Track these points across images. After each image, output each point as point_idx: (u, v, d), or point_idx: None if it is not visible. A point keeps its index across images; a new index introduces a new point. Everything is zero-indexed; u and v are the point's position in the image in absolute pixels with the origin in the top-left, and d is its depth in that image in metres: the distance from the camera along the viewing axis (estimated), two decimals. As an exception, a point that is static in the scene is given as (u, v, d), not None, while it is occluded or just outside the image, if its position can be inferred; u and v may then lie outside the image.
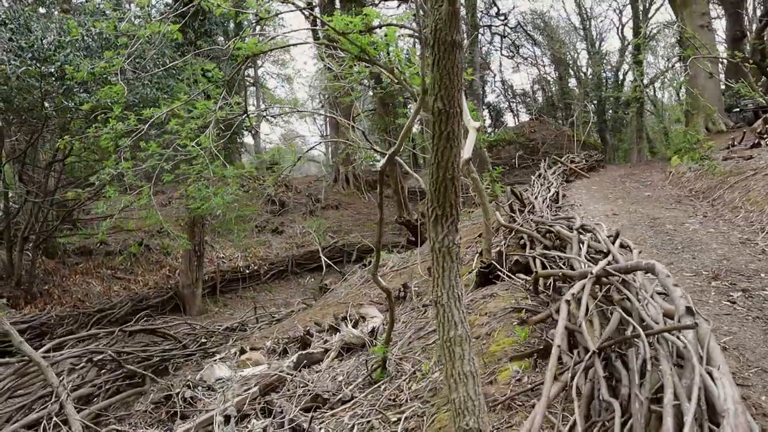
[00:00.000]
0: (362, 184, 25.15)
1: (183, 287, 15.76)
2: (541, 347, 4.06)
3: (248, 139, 31.66)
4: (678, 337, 2.50)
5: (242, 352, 7.96)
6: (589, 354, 2.86)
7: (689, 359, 2.27)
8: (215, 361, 7.54)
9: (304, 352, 6.62)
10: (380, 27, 7.42)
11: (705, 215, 8.78)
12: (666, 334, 2.57)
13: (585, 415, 2.61)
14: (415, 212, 17.67)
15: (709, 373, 2.16)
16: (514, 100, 35.61)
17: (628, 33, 29.86)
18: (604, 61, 31.11)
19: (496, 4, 27.13)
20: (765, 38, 20.78)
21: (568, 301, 3.33)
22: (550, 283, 5.27)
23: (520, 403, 3.46)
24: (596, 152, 19.86)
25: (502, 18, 26.37)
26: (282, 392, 5.46)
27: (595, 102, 29.94)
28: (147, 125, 7.89)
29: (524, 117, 34.15)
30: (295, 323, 9.42)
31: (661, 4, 32.97)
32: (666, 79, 28.54)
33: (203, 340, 8.61)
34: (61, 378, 5.66)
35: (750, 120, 15.51)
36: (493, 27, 27.83)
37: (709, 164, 10.33)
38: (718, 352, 2.31)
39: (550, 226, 6.59)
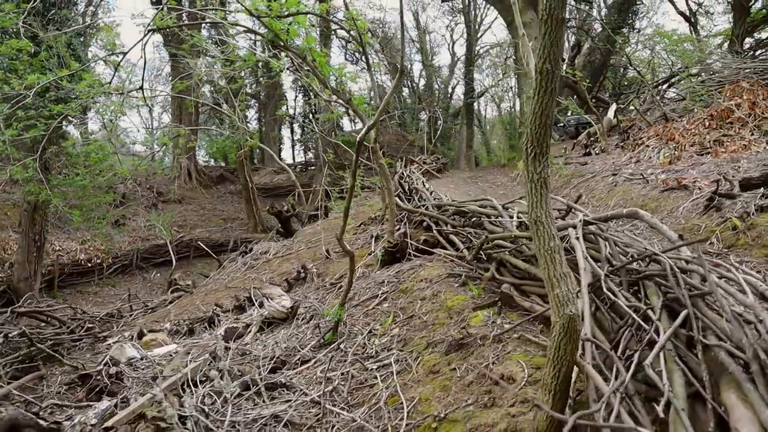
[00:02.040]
0: (205, 179, 24.50)
1: (19, 280, 14.27)
2: (501, 297, 4.72)
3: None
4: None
5: (141, 335, 7.69)
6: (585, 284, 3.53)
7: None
8: (120, 342, 7.23)
9: (229, 325, 6.66)
10: (292, 15, 7.65)
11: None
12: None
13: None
14: (269, 206, 17.73)
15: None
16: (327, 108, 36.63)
17: (458, 50, 32.55)
18: (436, 74, 33.53)
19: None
20: (575, 64, 24.12)
21: (567, 249, 4.00)
22: (477, 253, 5.88)
23: (508, 337, 4.07)
24: (442, 156, 21.47)
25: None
26: (230, 360, 5.52)
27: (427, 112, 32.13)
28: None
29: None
30: (183, 308, 9.24)
31: (489, 27, 36.16)
32: (493, 94, 31.45)
33: (90, 325, 8.10)
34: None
35: (572, 134, 17.91)
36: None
37: (558, 167, 11.92)
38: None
39: (459, 206, 7.34)
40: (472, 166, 26.90)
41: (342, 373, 4.63)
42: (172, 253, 16.82)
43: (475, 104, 32.82)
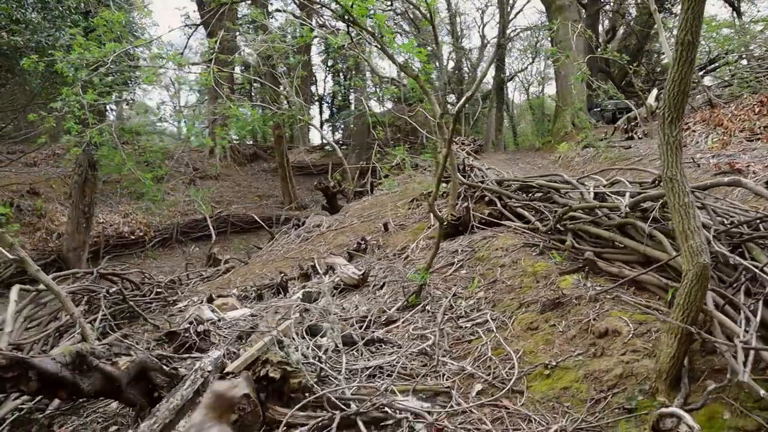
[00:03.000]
0: (239, 156, 24.88)
1: (68, 250, 14.78)
2: (586, 263, 4.98)
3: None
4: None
5: (211, 299, 8.06)
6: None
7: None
8: (195, 304, 7.60)
9: (307, 290, 6.98)
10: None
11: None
12: None
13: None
14: (317, 182, 18.05)
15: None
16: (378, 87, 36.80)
17: (488, 32, 32.46)
18: (465, 57, 33.50)
19: (376, -7, 27.94)
20: (609, 49, 24.05)
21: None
22: (557, 223, 6.13)
23: (604, 297, 4.34)
24: (479, 138, 21.63)
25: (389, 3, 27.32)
26: (314, 320, 5.83)
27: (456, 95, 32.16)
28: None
29: (388, 104, 35.48)
30: (244, 276, 9.61)
31: (520, 10, 36.07)
32: (522, 79, 31.40)
33: (158, 290, 8.50)
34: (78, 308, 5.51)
35: (609, 119, 17.99)
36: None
37: (602, 150, 12.08)
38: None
39: (525, 181, 7.59)
40: (503, 150, 26.99)
41: (434, 332, 4.93)
42: (211, 228, 17.24)
43: (504, 89, 32.77)
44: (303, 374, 3.91)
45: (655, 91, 16.65)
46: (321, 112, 32.27)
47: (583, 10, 23.64)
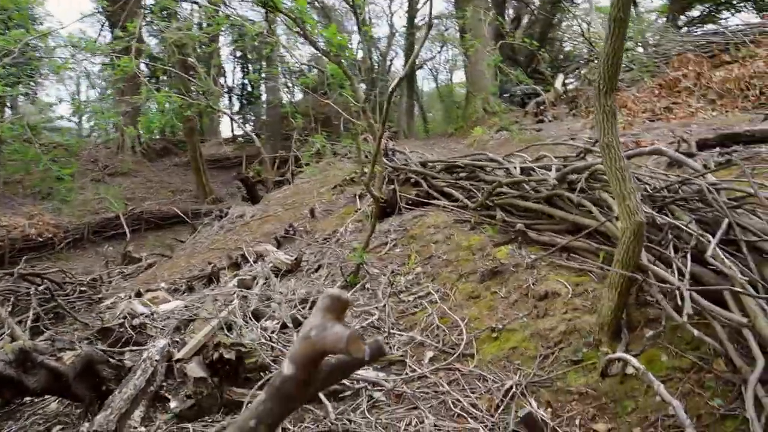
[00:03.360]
0: (149, 151, 23.99)
1: (-30, 255, 13.82)
2: (518, 234, 5.23)
3: None
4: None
5: (138, 294, 7.80)
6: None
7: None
8: (124, 300, 7.34)
9: (241, 277, 6.90)
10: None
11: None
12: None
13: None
14: (237, 173, 17.70)
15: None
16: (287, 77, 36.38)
17: (396, 21, 32.73)
18: (374, 45, 33.66)
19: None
20: (514, 37, 24.98)
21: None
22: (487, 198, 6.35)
23: (539, 264, 4.58)
24: (392, 125, 21.84)
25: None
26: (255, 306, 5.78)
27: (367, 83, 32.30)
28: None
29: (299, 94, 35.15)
30: (170, 270, 9.36)
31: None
32: (430, 67, 31.92)
33: (82, 288, 8.11)
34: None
35: (518, 103, 18.70)
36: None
37: (515, 133, 12.58)
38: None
39: (450, 162, 7.83)
40: (416, 136, 27.43)
41: (377, 307, 5.03)
42: (125, 226, 16.55)
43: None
44: (258, 353, 3.90)
45: (561, 77, 17.47)
46: (231, 105, 31.55)
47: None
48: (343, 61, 8.32)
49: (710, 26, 17.82)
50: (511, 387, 3.26)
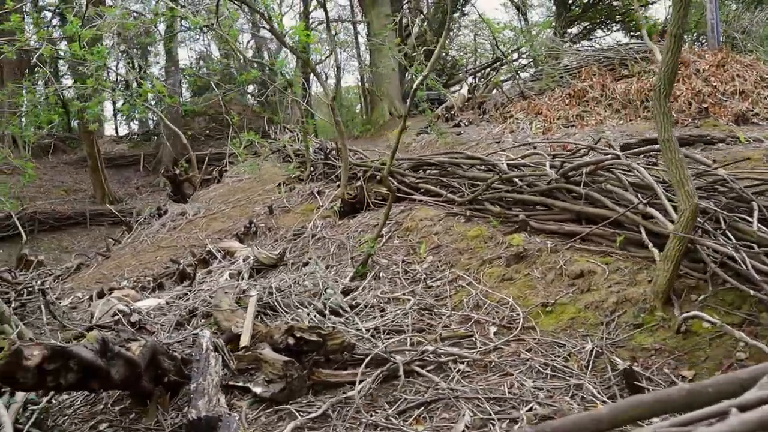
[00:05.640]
0: (35, 148, 22.18)
1: None
2: (521, 224, 5.82)
3: None
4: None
5: (101, 295, 7.53)
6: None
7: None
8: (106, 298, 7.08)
9: (231, 271, 6.94)
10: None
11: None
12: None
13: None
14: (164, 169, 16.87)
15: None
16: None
17: (287, 22, 32.63)
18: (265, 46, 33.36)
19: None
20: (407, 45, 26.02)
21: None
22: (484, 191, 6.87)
23: (562, 248, 5.18)
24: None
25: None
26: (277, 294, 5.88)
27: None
28: None
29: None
30: (117, 270, 9.04)
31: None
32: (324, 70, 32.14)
33: (29, 289, 7.59)
34: None
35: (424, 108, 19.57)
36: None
37: (439, 135, 13.30)
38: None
39: (423, 160, 8.32)
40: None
41: (404, 293, 5.39)
42: (20, 227, 15.38)
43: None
44: (342, 334, 4.14)
45: (466, 85, 18.57)
46: (114, 102, 29.83)
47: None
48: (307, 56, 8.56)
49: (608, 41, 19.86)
50: (592, 348, 3.80)
